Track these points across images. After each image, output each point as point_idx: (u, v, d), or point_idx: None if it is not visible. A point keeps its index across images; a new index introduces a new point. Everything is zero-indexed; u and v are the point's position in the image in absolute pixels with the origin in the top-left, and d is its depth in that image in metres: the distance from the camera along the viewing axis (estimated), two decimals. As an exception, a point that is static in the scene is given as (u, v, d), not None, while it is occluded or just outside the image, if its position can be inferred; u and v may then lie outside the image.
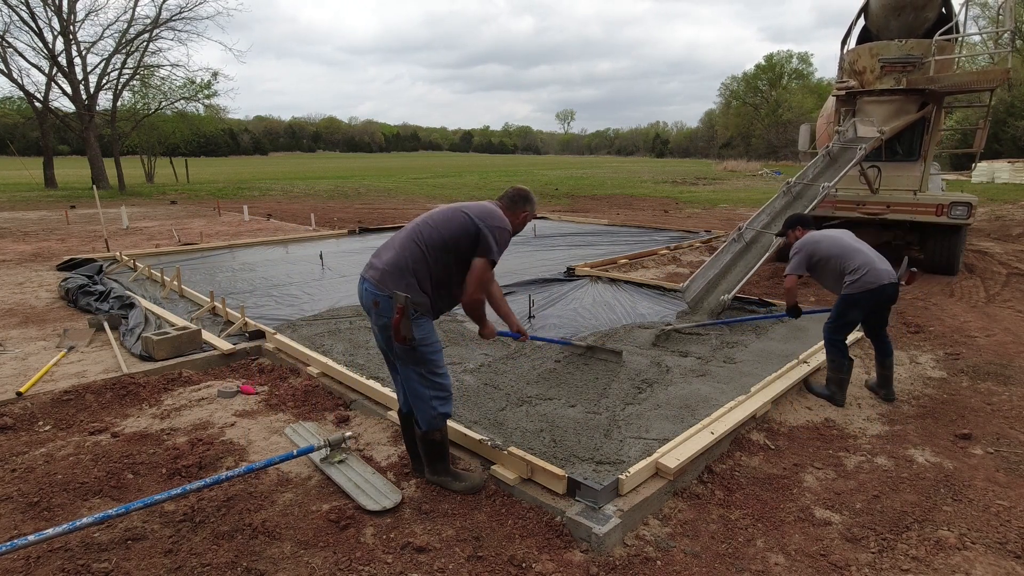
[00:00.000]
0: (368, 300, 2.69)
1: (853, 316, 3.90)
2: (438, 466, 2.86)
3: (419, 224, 2.74)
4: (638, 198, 21.35)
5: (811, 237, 4.08)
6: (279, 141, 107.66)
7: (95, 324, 5.29)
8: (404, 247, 2.68)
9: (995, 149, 31.45)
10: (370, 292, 2.66)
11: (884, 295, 3.78)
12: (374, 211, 16.65)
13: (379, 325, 2.69)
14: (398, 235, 2.78)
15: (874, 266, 3.77)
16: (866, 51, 8.13)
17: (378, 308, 2.64)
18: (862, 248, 3.92)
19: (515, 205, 2.92)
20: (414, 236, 2.69)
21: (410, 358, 2.66)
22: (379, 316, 2.65)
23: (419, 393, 2.71)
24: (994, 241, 10.95)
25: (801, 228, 4.26)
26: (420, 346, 2.63)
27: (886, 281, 3.75)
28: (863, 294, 3.77)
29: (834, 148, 7.85)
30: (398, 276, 2.62)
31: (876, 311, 3.90)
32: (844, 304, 3.88)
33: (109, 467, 3.04)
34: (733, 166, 48.72)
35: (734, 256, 6.65)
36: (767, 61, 69.79)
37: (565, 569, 2.35)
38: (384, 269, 2.65)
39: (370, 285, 2.67)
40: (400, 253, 2.66)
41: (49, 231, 11.89)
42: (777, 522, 2.71)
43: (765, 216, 7.13)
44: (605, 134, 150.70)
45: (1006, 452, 3.35)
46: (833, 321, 3.96)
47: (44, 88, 22.56)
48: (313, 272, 7.97)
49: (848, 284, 3.81)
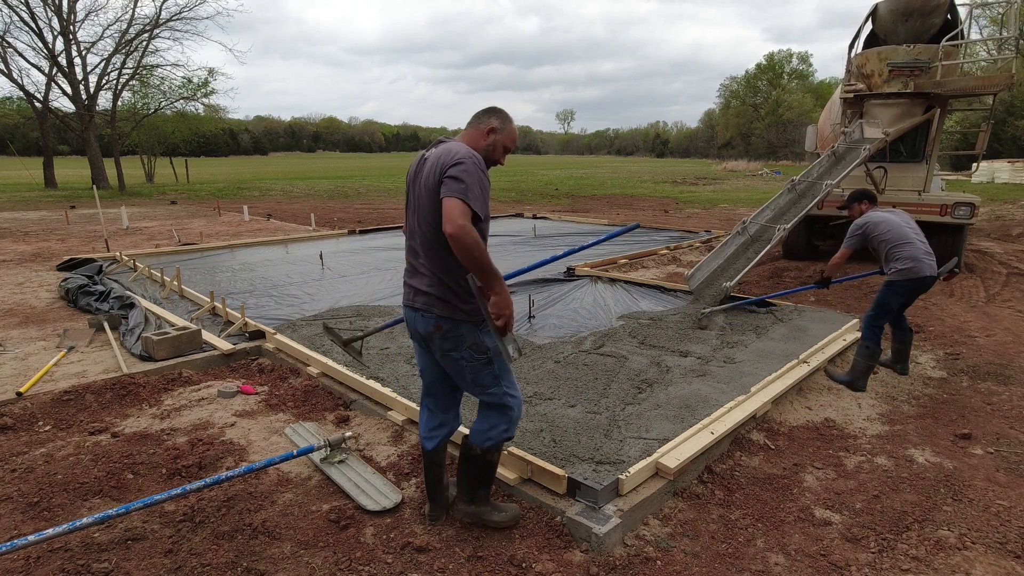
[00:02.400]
0: (426, 327, 2.34)
1: (894, 302, 4.18)
2: (481, 493, 2.57)
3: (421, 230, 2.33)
4: (638, 198, 21.34)
5: (870, 218, 4.27)
6: (279, 141, 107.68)
7: (95, 324, 5.29)
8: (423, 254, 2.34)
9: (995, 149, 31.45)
10: (428, 318, 2.33)
11: (924, 285, 4.11)
12: (374, 211, 16.65)
13: (443, 350, 2.35)
14: (418, 256, 2.39)
15: (920, 259, 4.05)
16: (874, 55, 8.32)
17: (442, 332, 2.31)
18: (914, 240, 4.14)
19: (477, 122, 2.38)
20: (423, 239, 2.32)
21: (486, 372, 2.37)
22: (444, 340, 2.33)
23: (491, 409, 2.45)
24: (994, 241, 10.95)
25: (867, 203, 4.44)
26: (495, 356, 2.36)
27: (928, 273, 4.05)
28: (906, 282, 4.08)
29: (840, 148, 8.05)
30: (445, 289, 2.29)
31: (910, 298, 4.21)
32: (887, 290, 4.16)
33: (109, 467, 3.04)
34: (733, 166, 48.72)
35: (738, 248, 6.85)
36: (767, 61, 69.81)
37: (565, 569, 2.35)
38: (429, 292, 2.31)
39: (423, 311, 2.34)
40: (427, 265, 2.33)
41: (49, 231, 11.89)
42: (777, 522, 2.71)
43: (769, 212, 7.34)
44: (605, 134, 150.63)
45: (1006, 452, 3.35)
46: (875, 308, 4.21)
47: (44, 88, 22.60)
48: (313, 272, 7.97)
49: (893, 271, 4.10)
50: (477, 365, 2.35)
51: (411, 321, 2.45)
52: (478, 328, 2.32)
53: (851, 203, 4.54)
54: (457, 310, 2.29)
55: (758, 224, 7.09)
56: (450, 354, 2.36)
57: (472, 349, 2.33)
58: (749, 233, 7.01)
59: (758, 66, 70.34)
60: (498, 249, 10.00)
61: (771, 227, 6.84)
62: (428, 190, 2.24)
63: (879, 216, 4.29)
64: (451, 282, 2.28)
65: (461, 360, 2.35)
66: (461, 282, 2.26)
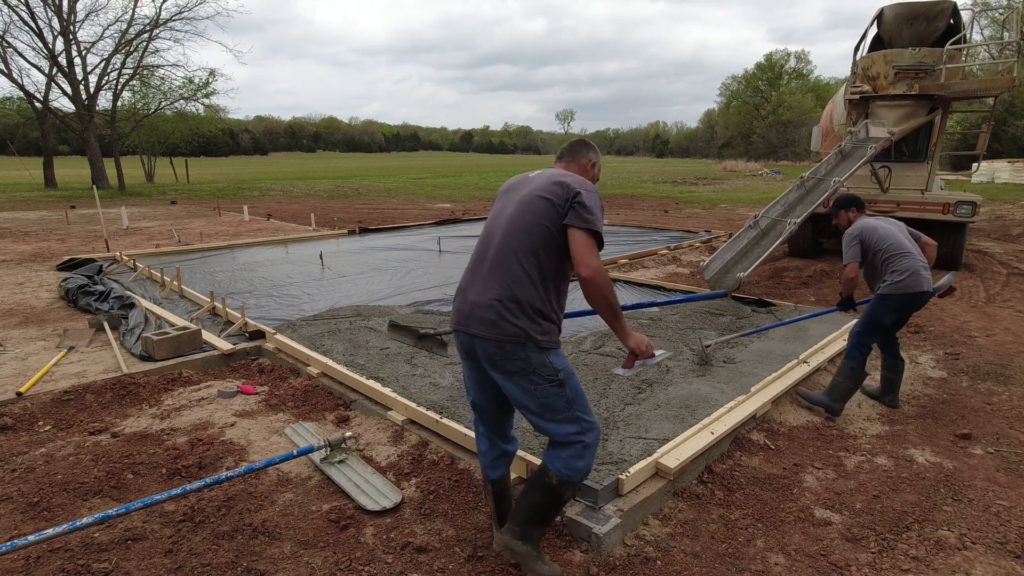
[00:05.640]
0: (486, 348, 2.11)
1: (886, 318, 3.76)
2: (536, 532, 2.28)
3: (502, 235, 2.17)
4: (638, 198, 21.34)
5: (866, 224, 3.88)
6: (279, 141, 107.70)
7: (95, 324, 5.29)
8: (499, 270, 2.13)
9: (995, 149, 31.47)
10: (489, 339, 2.09)
11: (919, 301, 3.71)
12: (374, 211, 16.65)
13: (507, 372, 2.11)
14: (484, 261, 2.19)
15: (918, 272, 3.65)
16: (880, 58, 8.50)
17: (505, 352, 2.08)
18: (912, 250, 3.75)
19: (575, 155, 2.37)
20: (504, 251, 2.13)
21: (558, 396, 2.12)
22: (509, 361, 2.09)
23: (566, 437, 2.15)
24: (994, 241, 10.95)
25: (855, 210, 4.04)
26: (568, 378, 2.14)
27: (925, 288, 3.65)
28: (900, 296, 3.66)
29: (846, 147, 8.28)
30: (515, 306, 2.08)
31: (903, 315, 3.80)
32: (879, 304, 3.74)
33: (109, 467, 3.04)
34: (733, 166, 48.74)
35: (750, 241, 7.12)
36: (767, 60, 69.86)
37: (565, 569, 2.35)
38: (499, 312, 2.08)
39: (485, 332, 2.10)
40: (500, 279, 2.11)
41: (49, 231, 11.89)
42: (777, 522, 2.71)
43: (780, 207, 7.58)
44: (605, 134, 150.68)
45: (1006, 452, 3.35)
46: (864, 324, 3.80)
47: (44, 88, 22.60)
48: (313, 272, 7.97)
49: (888, 284, 3.68)
50: (548, 388, 2.10)
51: (466, 338, 2.18)
52: (547, 350, 2.12)
53: (837, 209, 4.12)
54: (525, 330, 2.08)
55: (769, 219, 7.36)
56: (513, 377, 2.11)
57: (541, 372, 2.10)
58: (760, 227, 7.29)
59: (758, 66, 70.40)
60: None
61: (782, 220, 7.16)
62: (530, 200, 2.15)
63: (873, 223, 3.90)
64: (524, 298, 2.09)
65: (528, 384, 2.11)
66: (535, 302, 2.10)
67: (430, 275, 7.86)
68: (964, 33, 8.42)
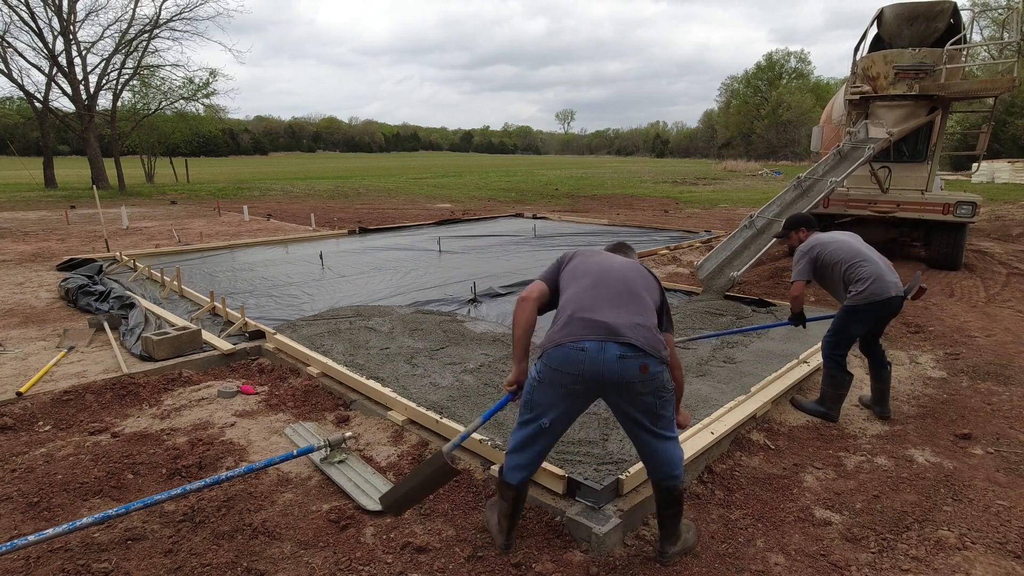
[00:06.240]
0: (630, 369, 2.14)
1: (855, 329, 3.64)
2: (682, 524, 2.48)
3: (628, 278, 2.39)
4: (638, 198, 21.35)
5: (818, 239, 3.79)
6: (279, 141, 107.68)
7: (95, 324, 5.29)
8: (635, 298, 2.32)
9: (995, 149, 31.46)
10: (632, 358, 2.14)
11: (889, 309, 3.55)
12: (374, 211, 16.65)
13: (639, 393, 2.18)
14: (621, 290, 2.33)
15: (882, 277, 3.51)
16: (880, 58, 8.49)
17: (647, 373, 2.15)
18: (871, 256, 3.63)
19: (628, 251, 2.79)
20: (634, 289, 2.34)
21: (671, 405, 2.29)
22: (647, 382, 2.17)
23: (674, 449, 2.35)
24: (994, 241, 10.96)
25: (805, 230, 3.94)
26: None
27: (893, 294, 3.50)
28: (868, 306, 3.51)
29: (845, 147, 8.28)
30: (653, 329, 2.25)
31: (877, 324, 3.68)
32: (846, 316, 3.62)
33: (109, 467, 3.04)
34: (733, 166, 48.73)
35: (745, 241, 7.14)
36: (767, 60, 69.88)
37: (565, 569, 2.35)
38: (643, 330, 2.20)
39: (628, 349, 2.14)
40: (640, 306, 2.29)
41: (49, 231, 11.89)
42: (777, 522, 2.71)
43: (776, 206, 7.59)
44: (605, 134, 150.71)
45: (1006, 452, 3.35)
46: (833, 335, 3.72)
47: (44, 88, 22.58)
48: (313, 272, 7.97)
49: (853, 294, 3.55)
50: (667, 398, 2.26)
51: (598, 363, 2.14)
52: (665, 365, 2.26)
53: (787, 231, 4.02)
54: (658, 350, 2.21)
55: (765, 218, 7.35)
56: (643, 397, 2.19)
57: (666, 387, 2.25)
58: (756, 227, 7.29)
59: (757, 66, 70.43)
60: (498, 249, 10.01)
61: (777, 220, 7.12)
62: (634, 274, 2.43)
63: (825, 237, 3.77)
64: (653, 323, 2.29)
65: (656, 399, 2.22)
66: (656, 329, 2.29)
67: (430, 275, 7.87)
68: (964, 33, 8.41)
